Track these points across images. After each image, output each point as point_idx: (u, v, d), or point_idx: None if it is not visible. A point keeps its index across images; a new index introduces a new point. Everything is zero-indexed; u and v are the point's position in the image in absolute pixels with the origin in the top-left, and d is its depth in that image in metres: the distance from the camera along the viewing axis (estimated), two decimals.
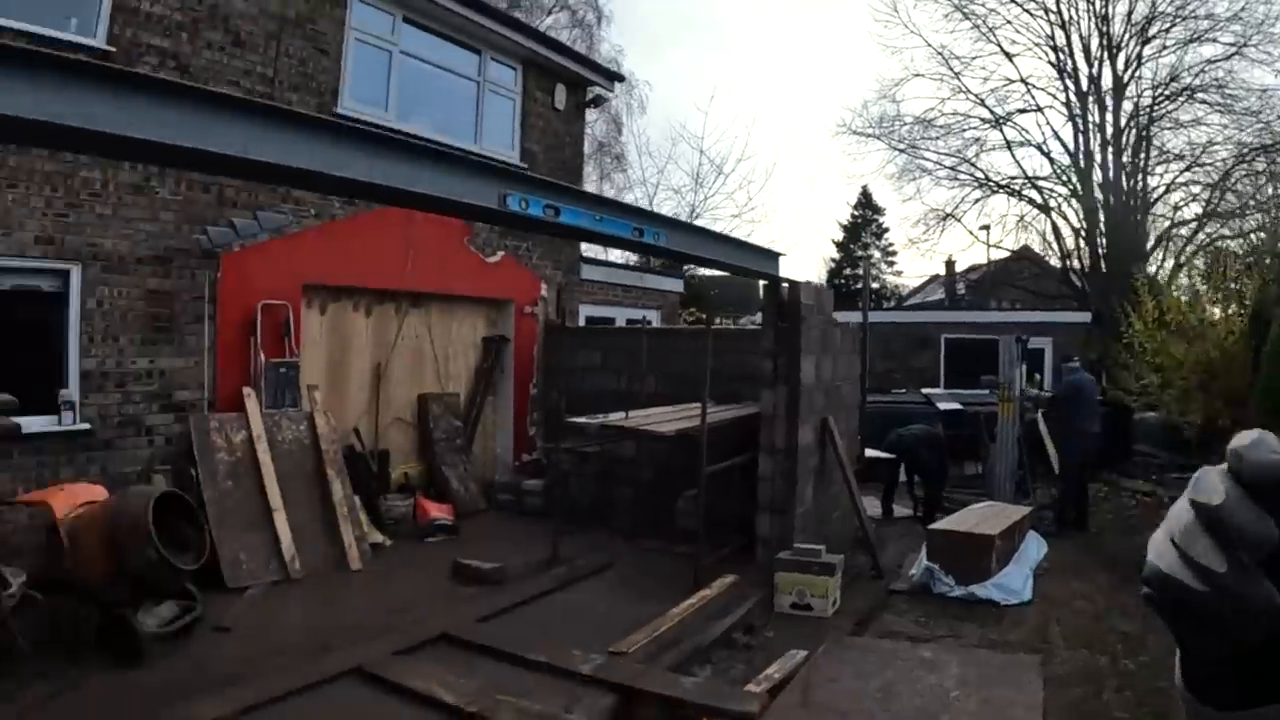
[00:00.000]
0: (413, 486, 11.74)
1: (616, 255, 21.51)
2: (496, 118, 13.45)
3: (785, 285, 9.33)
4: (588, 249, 15.87)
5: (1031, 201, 28.61)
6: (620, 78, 16.00)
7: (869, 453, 12.50)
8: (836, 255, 50.27)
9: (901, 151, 29.95)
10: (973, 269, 37.03)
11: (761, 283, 9.98)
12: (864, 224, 49.69)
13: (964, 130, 28.63)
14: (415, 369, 12.44)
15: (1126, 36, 26.14)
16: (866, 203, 48.62)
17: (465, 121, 13.00)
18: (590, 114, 17.10)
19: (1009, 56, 27.41)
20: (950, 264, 37.46)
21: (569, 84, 14.76)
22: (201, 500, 8.63)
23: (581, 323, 15.37)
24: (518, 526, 11.55)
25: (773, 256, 9.35)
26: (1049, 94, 27.41)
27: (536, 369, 13.90)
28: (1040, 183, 28.24)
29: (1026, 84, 27.42)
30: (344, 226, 10.98)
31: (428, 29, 12.28)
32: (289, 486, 9.47)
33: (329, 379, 11.19)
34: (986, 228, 29.43)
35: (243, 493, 9.18)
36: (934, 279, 41.09)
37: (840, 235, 50.34)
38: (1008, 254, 31.60)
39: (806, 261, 70.77)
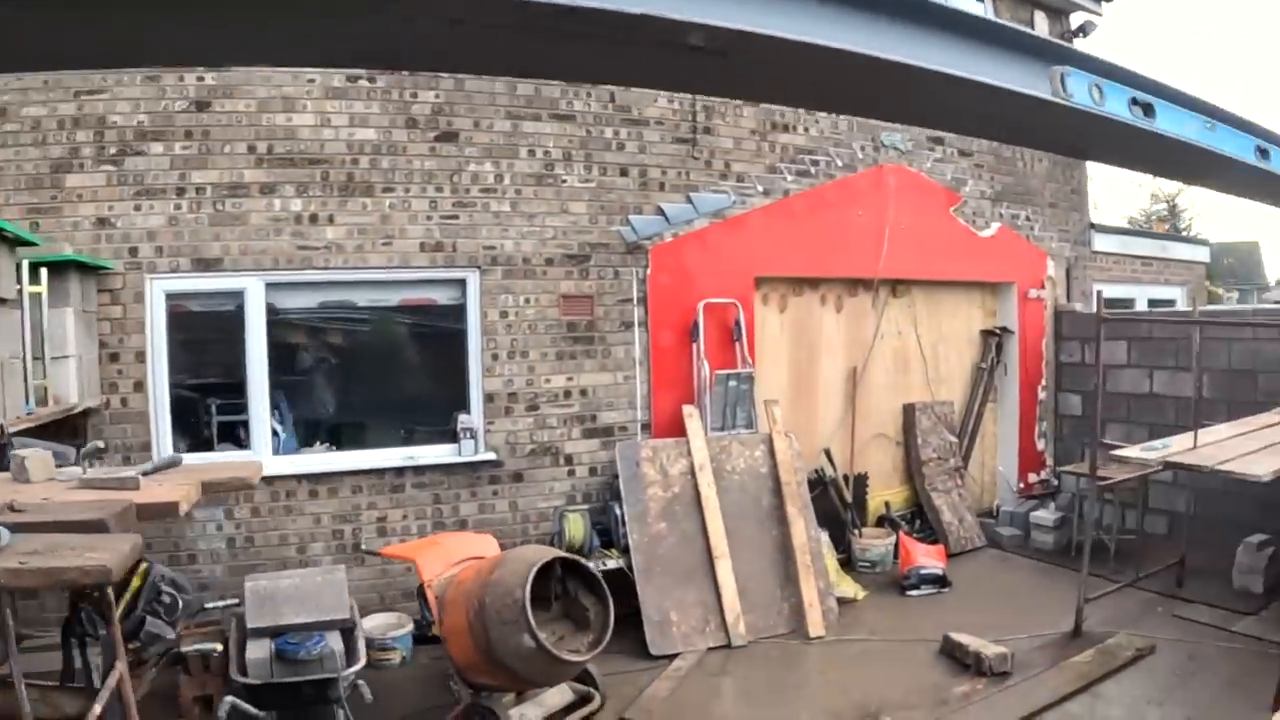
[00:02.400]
0: (893, 518, 9.75)
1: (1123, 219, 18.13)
2: None
3: None
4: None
5: None
6: None
7: None
8: None
9: None
10: None
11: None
12: None
13: None
14: (898, 373, 10.43)
15: None
16: None
17: None
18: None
19: None
20: None
21: (1049, 10, 12.17)
22: (626, 545, 7.50)
23: (1094, 306, 12.59)
24: (1022, 575, 9.28)
25: None
26: None
27: (1046, 367, 11.40)
28: None
29: None
30: (800, 203, 9.24)
31: None
32: (738, 527, 7.90)
33: (792, 390, 9.52)
34: None
35: (678, 536, 7.71)
36: None
37: None
38: None
39: None
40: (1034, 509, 10.31)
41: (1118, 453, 7.01)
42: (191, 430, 7.65)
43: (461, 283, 8.04)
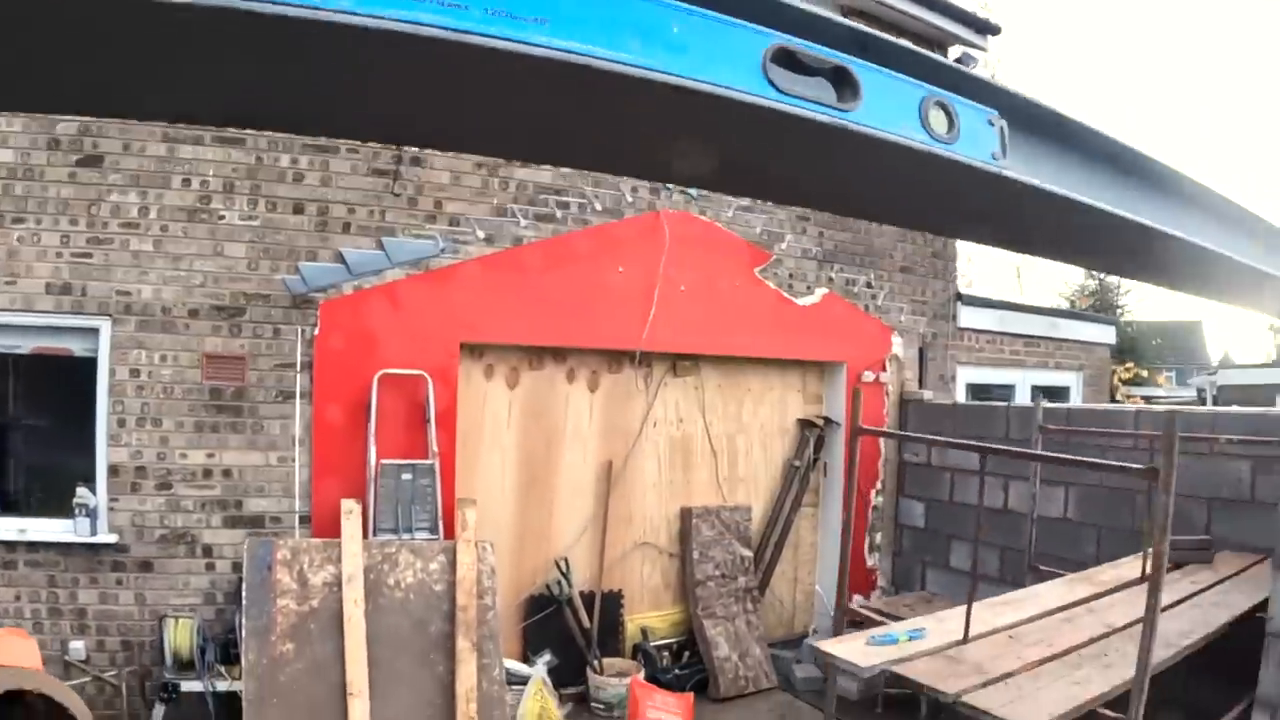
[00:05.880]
0: (647, 650, 8.16)
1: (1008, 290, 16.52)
2: None
3: None
4: (959, 279, 11.49)
5: None
6: (995, 29, 11.56)
7: None
8: None
9: None
10: None
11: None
12: None
13: None
14: (679, 469, 8.88)
15: None
16: None
17: None
18: None
19: None
20: None
21: (918, 40, 10.62)
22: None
23: (961, 394, 11.06)
24: None
25: None
26: None
27: (884, 466, 9.86)
28: None
29: None
30: (535, 253, 7.78)
31: None
32: (391, 659, 6.39)
33: (522, 487, 8.02)
34: None
35: (308, 662, 6.18)
36: None
37: None
38: None
39: None
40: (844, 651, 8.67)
41: (824, 647, 5.14)
42: None
43: (95, 332, 6.78)
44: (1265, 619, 4.99)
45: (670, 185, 8.26)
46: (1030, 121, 1.98)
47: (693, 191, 8.45)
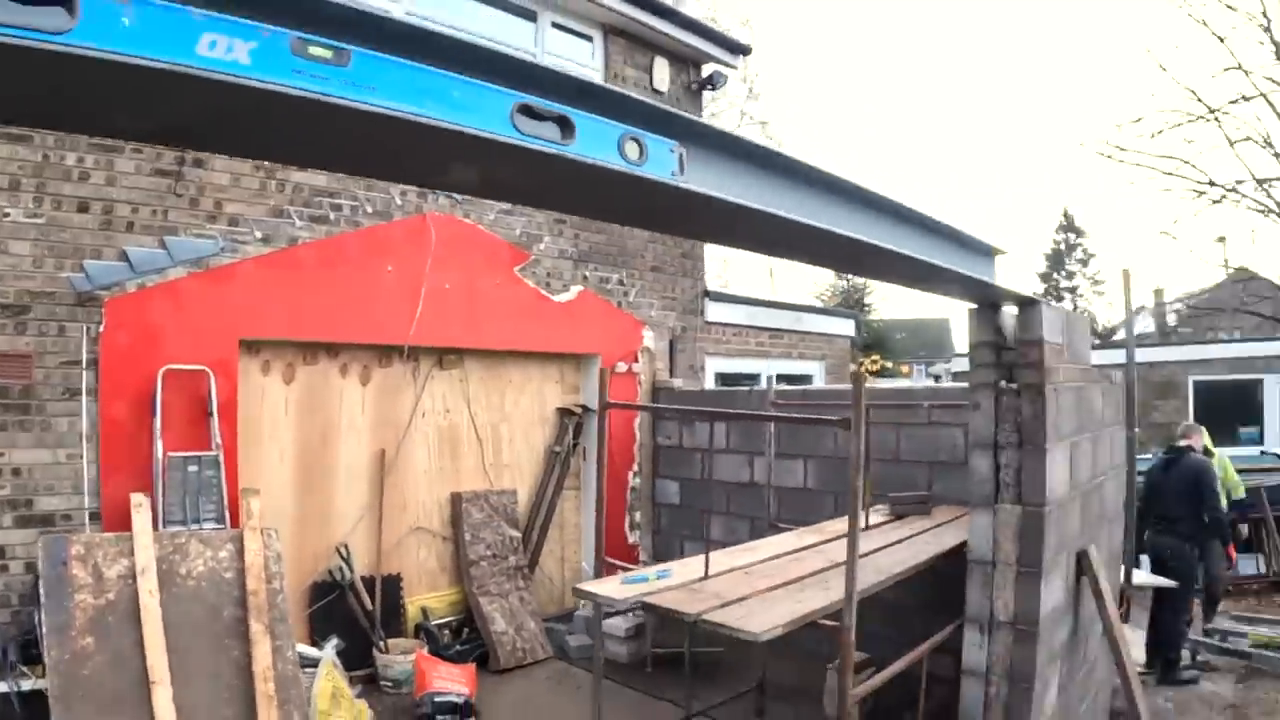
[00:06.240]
0: (429, 628, 8.64)
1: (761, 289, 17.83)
2: None
3: (1016, 307, 5.53)
4: (714, 279, 12.42)
5: (1266, 210, 24.11)
6: (746, 49, 12.56)
7: (1141, 578, 8.79)
8: (1042, 287, 49.42)
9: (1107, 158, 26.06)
10: (1189, 297, 33.62)
11: (968, 309, 5.98)
12: (1067, 249, 49.08)
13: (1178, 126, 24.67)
14: (447, 457, 9.38)
15: None
16: (1069, 225, 47.85)
17: None
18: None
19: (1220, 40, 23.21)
20: (1158, 292, 35.98)
21: (674, 59, 11.50)
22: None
23: (711, 383, 11.95)
24: (576, 697, 8.14)
25: (983, 253, 4.93)
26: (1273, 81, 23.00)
27: (640, 450, 10.61)
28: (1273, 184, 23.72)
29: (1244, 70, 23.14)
30: (310, 253, 8.09)
31: None
32: (190, 645, 6.49)
33: (302, 477, 8.31)
34: (1223, 239, 28.21)
35: (110, 654, 6.23)
36: (1139, 310, 37.61)
37: (1043, 265, 49.26)
38: (1231, 272, 27.81)
39: None
40: (609, 615, 9.35)
41: (582, 587, 5.86)
42: None
43: None
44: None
45: (438, 191, 8.75)
46: (712, 143, 2.71)
47: (457, 196, 8.96)
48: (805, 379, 14.13)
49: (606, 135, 2.41)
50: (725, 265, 34.76)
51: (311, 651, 7.38)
